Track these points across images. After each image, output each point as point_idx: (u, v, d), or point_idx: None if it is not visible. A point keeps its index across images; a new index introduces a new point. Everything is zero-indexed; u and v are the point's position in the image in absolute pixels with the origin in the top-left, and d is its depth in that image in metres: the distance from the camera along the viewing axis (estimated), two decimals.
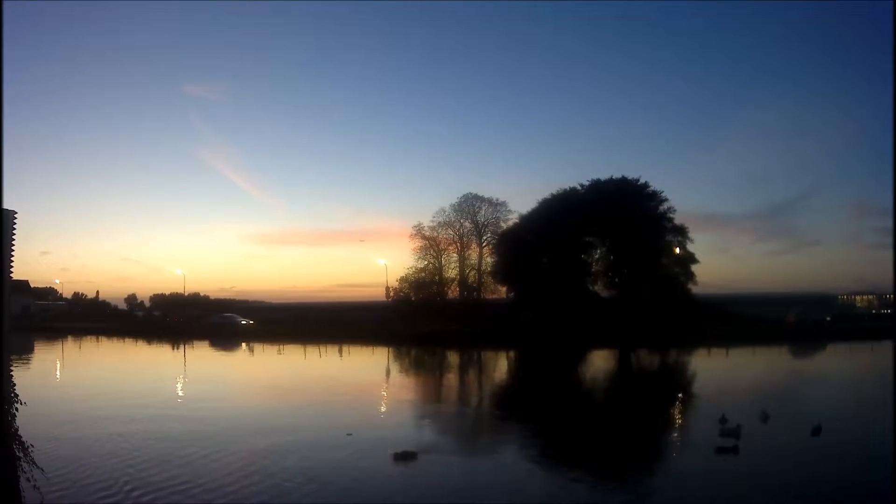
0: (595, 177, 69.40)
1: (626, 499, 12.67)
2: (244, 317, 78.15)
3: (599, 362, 44.75)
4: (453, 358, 48.14)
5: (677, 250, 66.47)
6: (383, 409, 24.76)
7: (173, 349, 57.49)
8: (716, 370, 38.15)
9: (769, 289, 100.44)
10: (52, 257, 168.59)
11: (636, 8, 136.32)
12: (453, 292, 76.79)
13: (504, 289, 73.52)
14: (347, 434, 17.33)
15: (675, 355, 45.75)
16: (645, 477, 14.54)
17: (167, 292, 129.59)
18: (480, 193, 75.83)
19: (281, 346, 55.22)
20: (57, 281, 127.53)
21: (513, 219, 73.57)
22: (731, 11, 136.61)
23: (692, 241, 67.32)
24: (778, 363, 41.70)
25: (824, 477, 13.20)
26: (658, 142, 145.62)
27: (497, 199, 74.93)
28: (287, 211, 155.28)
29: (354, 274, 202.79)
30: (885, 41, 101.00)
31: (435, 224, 75.66)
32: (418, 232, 76.08)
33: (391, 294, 77.65)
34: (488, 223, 74.81)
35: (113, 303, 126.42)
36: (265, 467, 14.03)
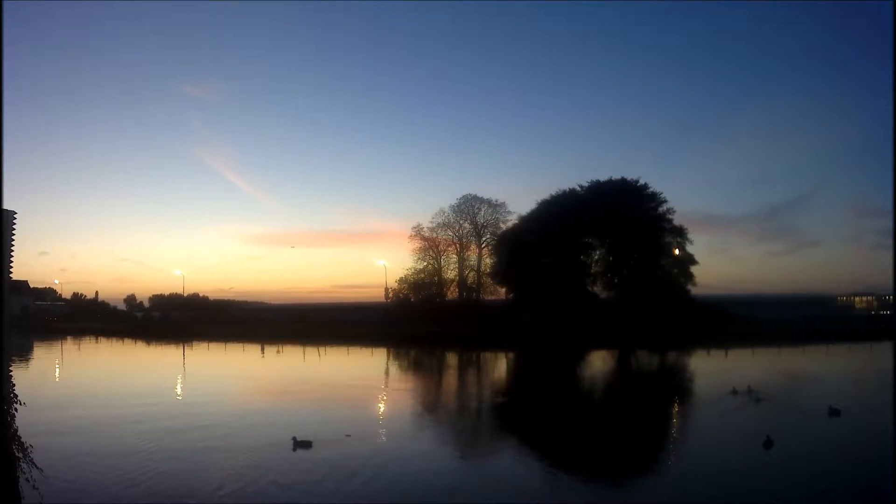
0: (594, 178, 69.43)
1: None
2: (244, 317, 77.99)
3: (599, 363, 44.69)
4: (451, 359, 48.04)
5: (676, 251, 66.44)
6: (381, 410, 24.81)
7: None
8: (716, 370, 38.02)
9: (769, 290, 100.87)
10: (51, 257, 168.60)
11: (636, 10, 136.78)
12: (452, 293, 76.68)
13: (503, 290, 73.33)
14: (346, 435, 17.49)
15: (675, 356, 45.70)
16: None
17: (166, 293, 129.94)
18: (480, 194, 75.62)
19: (280, 347, 55.13)
20: (56, 281, 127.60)
21: (512, 220, 73.51)
22: (731, 14, 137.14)
23: (691, 241, 67.39)
24: (780, 363, 41.58)
25: None
26: (658, 143, 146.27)
27: (496, 200, 74.78)
28: (286, 212, 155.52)
29: (353, 275, 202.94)
30: (885, 41, 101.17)
31: (434, 225, 75.51)
32: (417, 233, 76.01)
33: (390, 295, 77.68)
34: (487, 224, 74.70)
35: (112, 303, 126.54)
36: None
